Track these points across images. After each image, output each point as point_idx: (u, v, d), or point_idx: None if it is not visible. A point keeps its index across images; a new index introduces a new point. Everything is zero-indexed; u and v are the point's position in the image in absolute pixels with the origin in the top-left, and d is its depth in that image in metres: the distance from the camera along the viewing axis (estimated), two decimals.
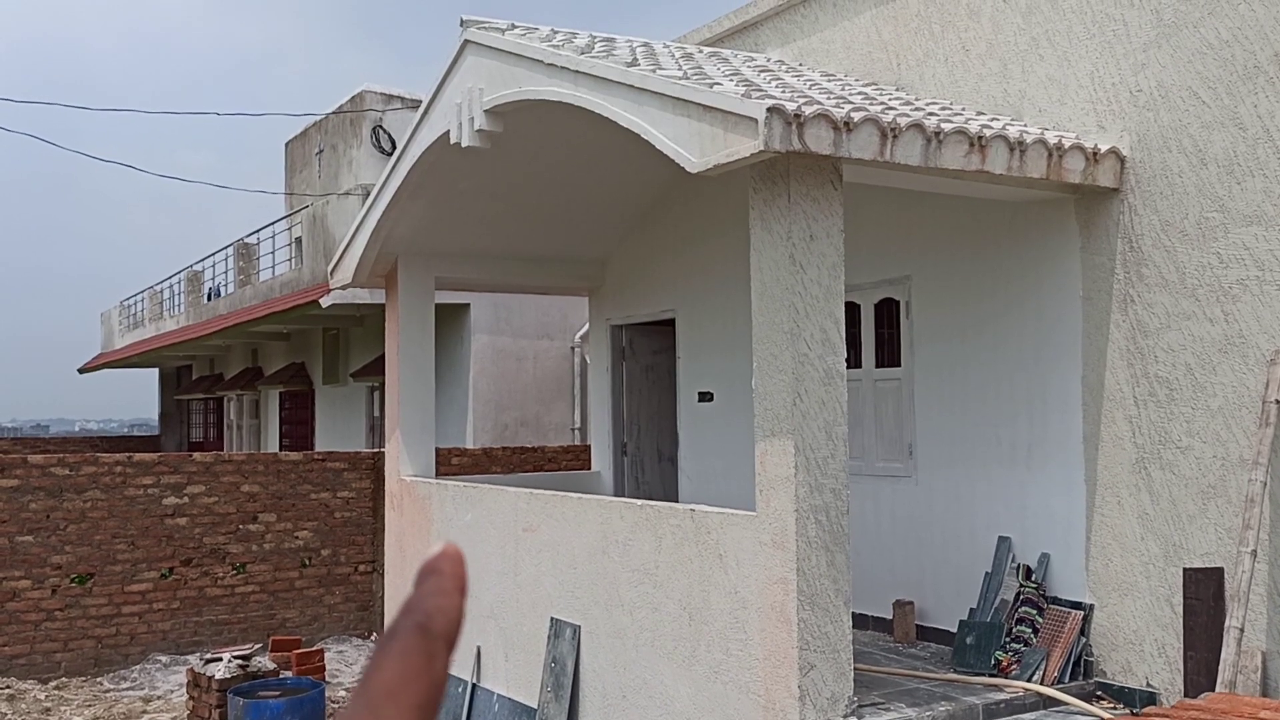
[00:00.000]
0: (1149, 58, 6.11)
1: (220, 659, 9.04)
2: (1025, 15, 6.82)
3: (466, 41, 7.71)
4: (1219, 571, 5.65)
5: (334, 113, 18.61)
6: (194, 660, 9.74)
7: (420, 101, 9.94)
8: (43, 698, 9.84)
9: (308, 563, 11.67)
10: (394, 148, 16.01)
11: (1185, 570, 5.78)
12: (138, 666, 10.68)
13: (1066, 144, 6.08)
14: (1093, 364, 6.38)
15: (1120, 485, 6.21)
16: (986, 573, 6.95)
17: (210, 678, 8.78)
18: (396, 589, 9.91)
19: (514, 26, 7.72)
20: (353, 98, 18.17)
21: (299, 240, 18.28)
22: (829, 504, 5.42)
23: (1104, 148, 6.17)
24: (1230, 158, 5.72)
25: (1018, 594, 6.61)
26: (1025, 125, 6.53)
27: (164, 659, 10.78)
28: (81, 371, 31.35)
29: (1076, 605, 6.39)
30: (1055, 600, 6.52)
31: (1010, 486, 6.91)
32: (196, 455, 11.35)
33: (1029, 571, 6.68)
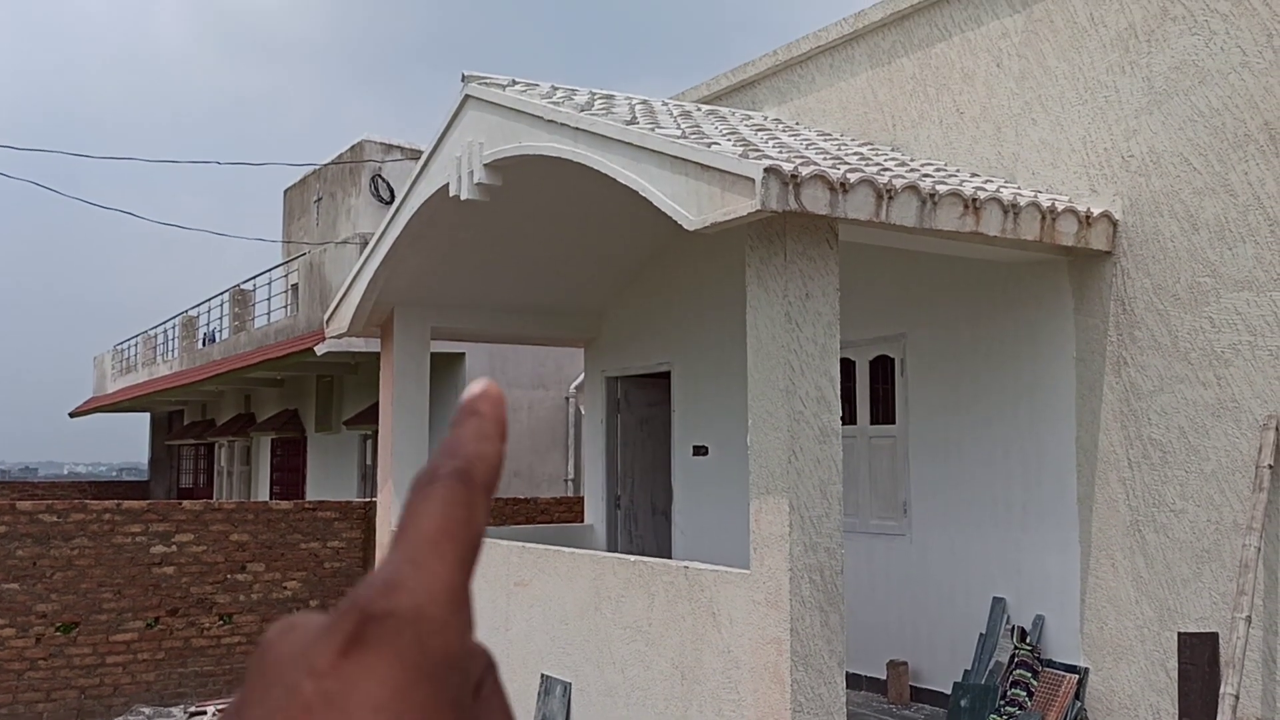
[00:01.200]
0: (1140, 124, 6.20)
1: (205, 712, 8.93)
2: (1018, 80, 6.92)
3: (468, 96, 7.79)
4: (1214, 636, 5.62)
5: (333, 162, 18.75)
6: (178, 713, 9.61)
7: (420, 152, 10.02)
8: None
9: (296, 613, 11.54)
10: (392, 197, 16.12)
11: (1180, 635, 5.75)
12: (120, 718, 10.52)
13: (1059, 207, 6.14)
14: (1086, 425, 6.39)
15: (1114, 547, 6.19)
16: (981, 634, 6.91)
17: None
18: None
19: (515, 82, 7.81)
20: (352, 147, 18.32)
21: (295, 287, 18.32)
22: (823, 563, 5.40)
23: (1096, 211, 6.24)
24: (1221, 224, 5.78)
25: (1012, 656, 6.57)
26: (1019, 188, 6.60)
27: (147, 710, 10.63)
28: (73, 415, 31.22)
29: (1071, 668, 6.34)
30: (1050, 663, 6.47)
31: (1005, 546, 6.89)
32: (186, 503, 11.28)
33: (1024, 633, 6.64)
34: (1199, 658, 5.63)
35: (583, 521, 11.24)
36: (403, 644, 0.33)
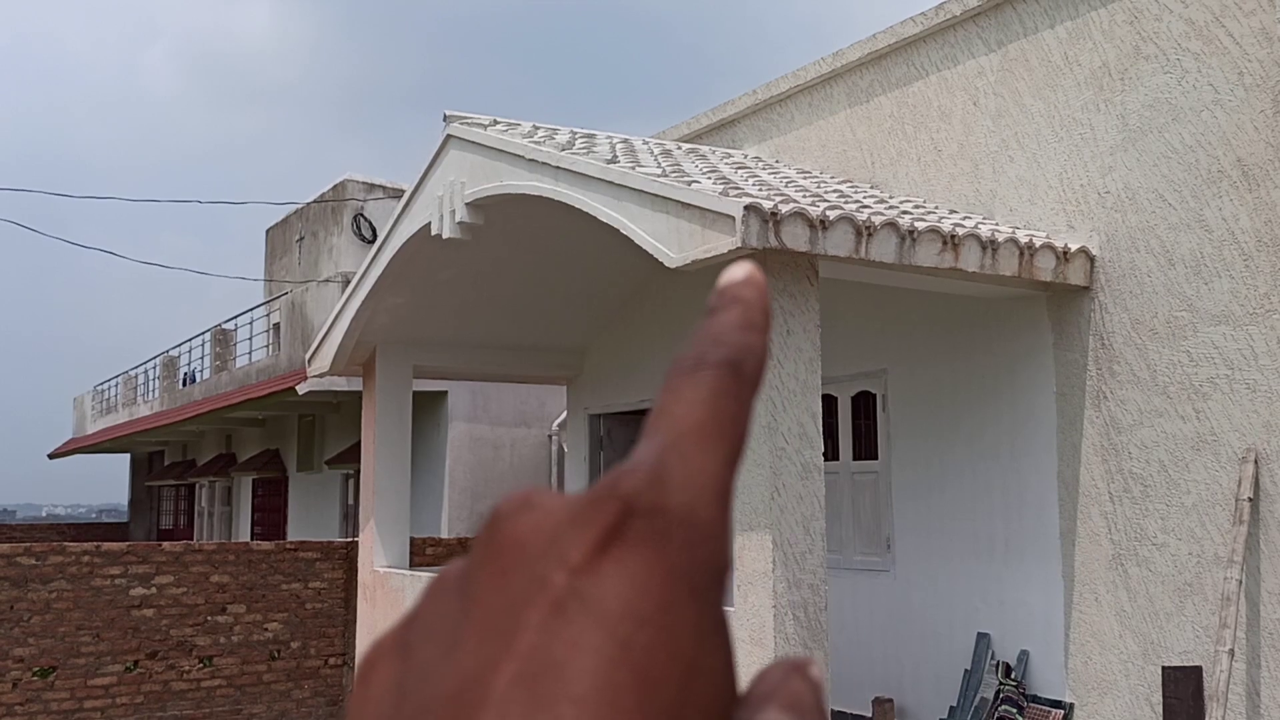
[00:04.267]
0: (1116, 161, 6.28)
1: None
2: (995, 118, 7.01)
3: (449, 136, 7.83)
4: (1198, 670, 5.62)
5: (316, 201, 18.77)
6: None
7: (401, 191, 10.06)
8: None
9: (276, 655, 11.43)
10: (375, 236, 16.14)
11: (1164, 669, 5.74)
12: None
13: (1037, 243, 6.20)
14: (1068, 459, 6.42)
15: (1097, 582, 6.20)
16: (966, 670, 6.89)
17: None
18: None
19: (496, 122, 7.85)
20: (335, 186, 18.35)
21: (277, 326, 18.28)
22: (807, 600, 5.39)
23: (1074, 247, 6.30)
24: (1197, 259, 5.84)
25: (998, 692, 6.55)
26: (997, 224, 6.66)
27: None
28: (52, 457, 30.96)
29: (1057, 704, 6.33)
30: (1035, 699, 6.46)
31: (988, 581, 6.89)
32: (166, 545, 11.18)
33: (1008, 669, 6.63)
34: (1183, 691, 5.63)
35: None
36: (671, 548, 0.28)
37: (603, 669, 0.26)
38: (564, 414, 12.38)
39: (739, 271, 0.34)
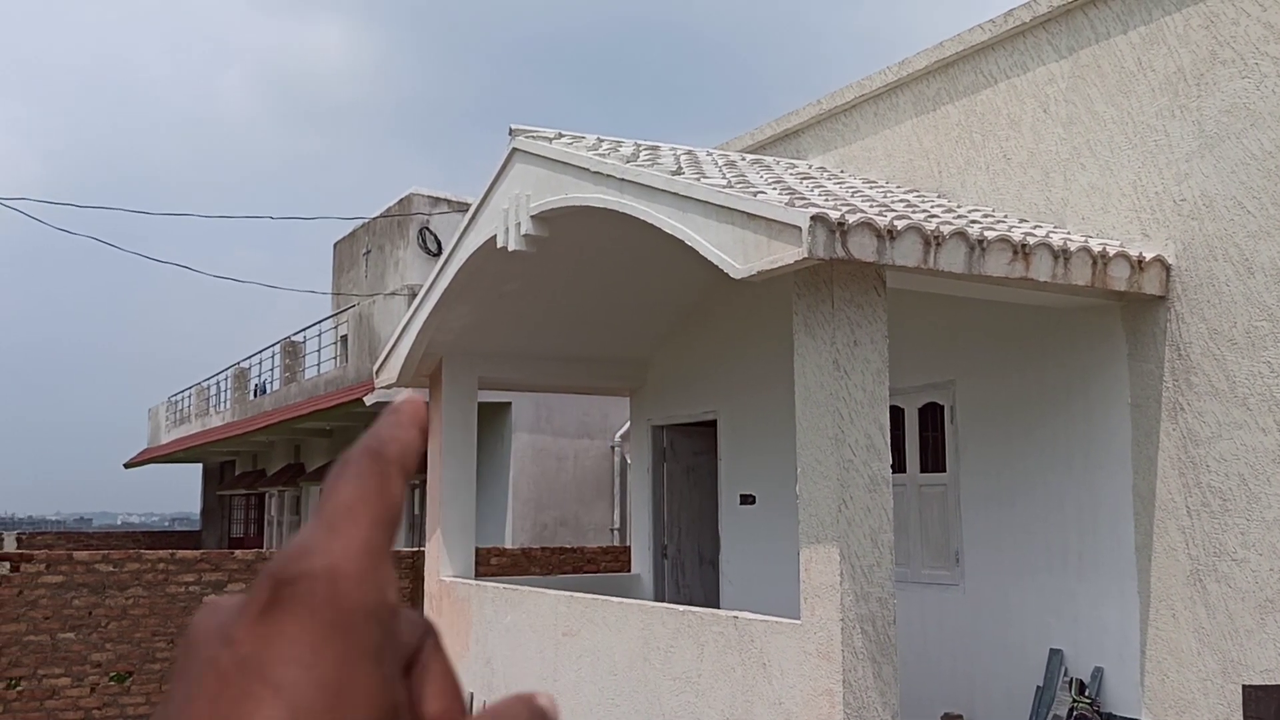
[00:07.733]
0: (1192, 168, 6.14)
1: None
2: (1066, 125, 6.90)
3: (515, 149, 7.90)
4: (1279, 689, 5.46)
5: (382, 215, 19.04)
6: None
7: (466, 204, 10.16)
8: None
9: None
10: (440, 249, 16.33)
11: (1244, 688, 5.59)
12: None
13: (1111, 252, 6.09)
14: (1143, 472, 6.29)
15: (1175, 597, 6.06)
16: (1038, 686, 6.76)
17: None
18: None
19: (561, 135, 7.91)
20: (401, 200, 18.60)
21: (344, 339, 18.55)
22: (875, 613, 5.33)
23: (1149, 256, 6.17)
24: (1278, 267, 5.69)
25: (1071, 710, 6.42)
26: (1069, 233, 6.55)
27: None
28: (127, 466, 31.71)
29: None
30: (1110, 717, 6.32)
31: (1061, 596, 6.76)
32: (238, 553, 11.38)
33: (1082, 686, 6.49)
34: (1265, 711, 5.47)
35: (629, 571, 11.19)
36: (316, 601, 0.34)
37: (260, 710, 0.33)
38: (627, 425, 12.40)
39: (399, 398, 0.43)
